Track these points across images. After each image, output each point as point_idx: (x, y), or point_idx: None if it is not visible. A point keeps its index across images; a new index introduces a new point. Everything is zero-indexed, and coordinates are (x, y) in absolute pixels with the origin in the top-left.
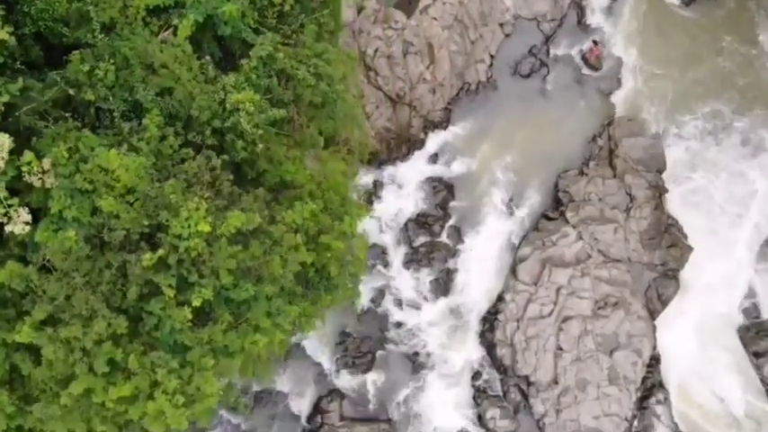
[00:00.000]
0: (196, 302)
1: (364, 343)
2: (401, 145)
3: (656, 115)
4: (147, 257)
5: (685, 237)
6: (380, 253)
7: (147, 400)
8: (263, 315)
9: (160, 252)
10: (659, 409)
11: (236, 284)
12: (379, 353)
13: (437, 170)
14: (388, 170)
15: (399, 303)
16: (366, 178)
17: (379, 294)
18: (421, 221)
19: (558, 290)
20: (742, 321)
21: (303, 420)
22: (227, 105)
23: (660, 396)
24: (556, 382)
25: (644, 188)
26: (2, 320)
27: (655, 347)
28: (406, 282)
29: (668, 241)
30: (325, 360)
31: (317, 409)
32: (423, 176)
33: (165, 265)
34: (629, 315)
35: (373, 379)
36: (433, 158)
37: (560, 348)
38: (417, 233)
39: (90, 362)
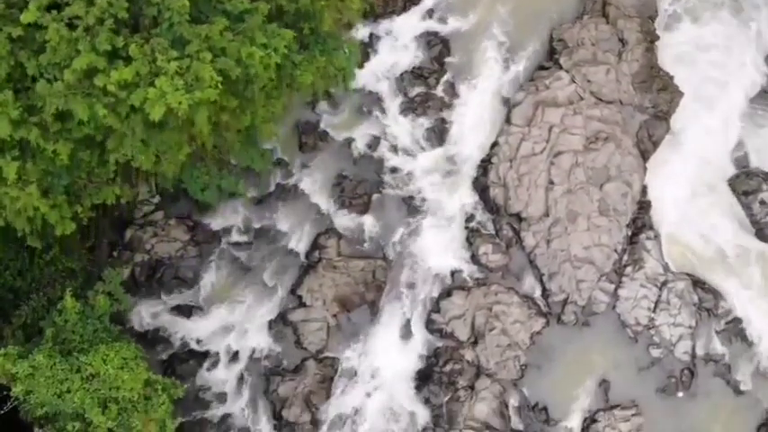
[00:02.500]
0: None
1: (361, 185)
2: None
3: None
4: None
5: (676, 86)
6: (376, 100)
7: (148, 87)
8: (259, 30)
9: None
10: (649, 245)
11: None
12: (375, 196)
13: (433, 25)
14: (384, 24)
15: (395, 149)
16: (362, 31)
17: (375, 140)
18: (417, 73)
19: (550, 128)
20: (732, 170)
21: (302, 256)
22: None
23: (650, 233)
24: (547, 215)
25: (635, 32)
26: (7, 20)
27: (645, 192)
28: (401, 129)
29: (659, 84)
30: (323, 201)
31: (314, 246)
32: (419, 31)
33: None
34: (620, 149)
35: (369, 220)
36: (429, 13)
37: (551, 182)
38: (413, 83)
39: (93, 41)
